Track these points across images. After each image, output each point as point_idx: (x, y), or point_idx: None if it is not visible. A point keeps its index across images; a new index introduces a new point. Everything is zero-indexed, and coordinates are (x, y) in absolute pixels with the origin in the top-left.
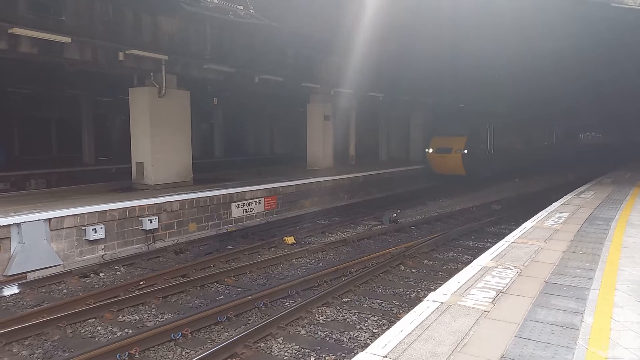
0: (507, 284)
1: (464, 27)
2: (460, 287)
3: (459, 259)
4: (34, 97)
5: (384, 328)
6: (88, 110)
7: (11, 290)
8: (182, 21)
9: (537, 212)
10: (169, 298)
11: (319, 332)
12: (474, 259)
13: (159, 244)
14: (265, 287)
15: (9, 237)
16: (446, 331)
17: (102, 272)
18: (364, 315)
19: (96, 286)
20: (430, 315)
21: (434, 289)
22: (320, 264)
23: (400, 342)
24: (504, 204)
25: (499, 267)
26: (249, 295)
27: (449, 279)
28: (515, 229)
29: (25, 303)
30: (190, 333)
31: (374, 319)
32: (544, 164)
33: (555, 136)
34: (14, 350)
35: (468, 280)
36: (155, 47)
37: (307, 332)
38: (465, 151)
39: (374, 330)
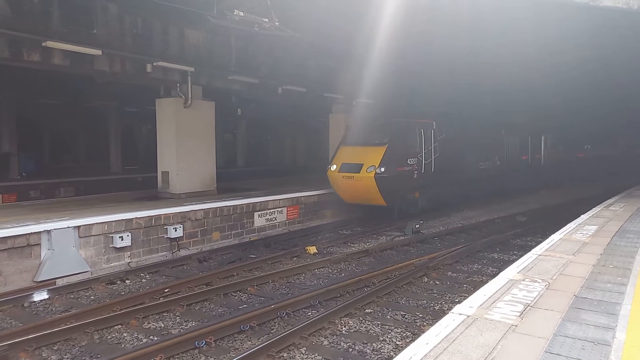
0: (535, 298)
1: (482, 33)
2: (486, 300)
3: (484, 272)
4: (64, 108)
5: (407, 340)
6: (115, 121)
7: (41, 295)
8: (207, 33)
9: (564, 224)
10: (193, 306)
11: (342, 343)
12: (499, 272)
13: (183, 252)
14: (288, 297)
15: (40, 244)
16: (473, 345)
17: (128, 279)
18: (387, 327)
19: (122, 293)
20: (456, 328)
21: (459, 302)
22: (343, 274)
23: (425, 355)
24: (529, 215)
25: (526, 280)
26: (272, 305)
27: (474, 291)
28: (541, 242)
29: (54, 308)
30: (214, 341)
31: (398, 330)
32: (537, 182)
33: (562, 146)
34: (44, 355)
35: (494, 293)
36: (181, 59)
37: (329, 342)
38: (382, 169)
39: (397, 343)
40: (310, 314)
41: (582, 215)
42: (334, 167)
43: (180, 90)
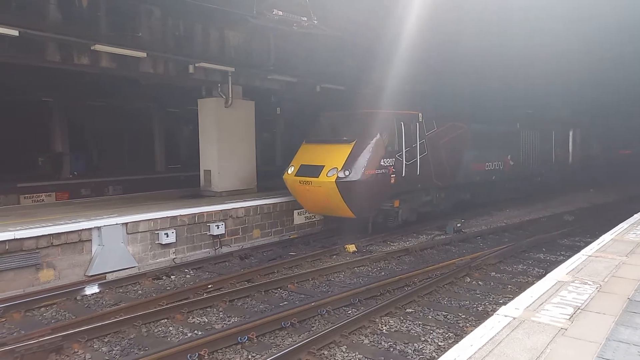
0: (585, 300)
1: (511, 30)
2: (533, 302)
3: (529, 272)
4: (111, 110)
5: (450, 341)
6: (159, 121)
7: (92, 289)
8: (247, 34)
9: (614, 224)
10: (235, 302)
11: (383, 343)
12: (546, 273)
13: (225, 249)
14: (328, 295)
15: (91, 240)
16: (520, 348)
17: (173, 275)
18: (428, 327)
19: (168, 288)
20: (501, 330)
21: (503, 303)
22: (383, 273)
23: (470, 357)
24: (577, 214)
25: (576, 281)
26: (312, 302)
27: (520, 293)
28: (591, 242)
29: (104, 302)
30: (255, 337)
31: (440, 331)
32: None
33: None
34: (95, 347)
35: (542, 295)
36: (222, 59)
37: (370, 341)
38: (347, 172)
39: (439, 343)
40: (350, 312)
41: (635, 215)
42: (291, 170)
43: (221, 90)
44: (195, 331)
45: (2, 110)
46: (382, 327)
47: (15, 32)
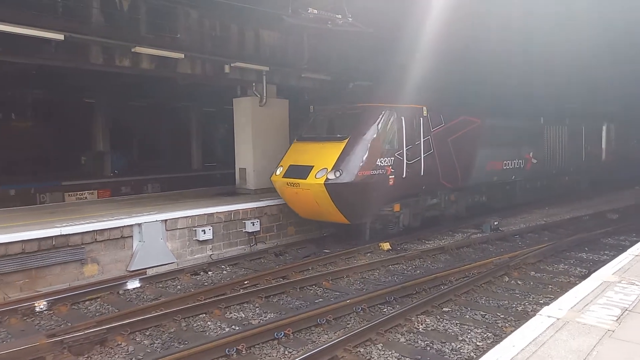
0: (633, 302)
1: (536, 29)
2: (578, 303)
3: (571, 272)
4: (149, 109)
5: (489, 341)
6: (195, 120)
7: (134, 284)
8: (281, 33)
9: None
10: (271, 298)
11: (419, 341)
12: (589, 273)
13: (260, 246)
14: (363, 292)
15: (132, 236)
16: (565, 350)
17: (210, 271)
18: (466, 327)
19: (205, 284)
20: (545, 331)
21: (544, 303)
22: (418, 271)
23: (512, 359)
24: (622, 213)
25: (623, 282)
26: (347, 300)
27: (561, 293)
28: (637, 241)
29: (145, 296)
30: (292, 333)
31: (478, 331)
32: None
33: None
34: (137, 339)
35: (587, 296)
36: (257, 59)
37: (406, 340)
38: (338, 174)
39: (478, 343)
40: (385, 310)
41: None
42: (279, 171)
43: (256, 90)
44: (233, 326)
45: (48, 111)
46: (418, 326)
47: (60, 37)
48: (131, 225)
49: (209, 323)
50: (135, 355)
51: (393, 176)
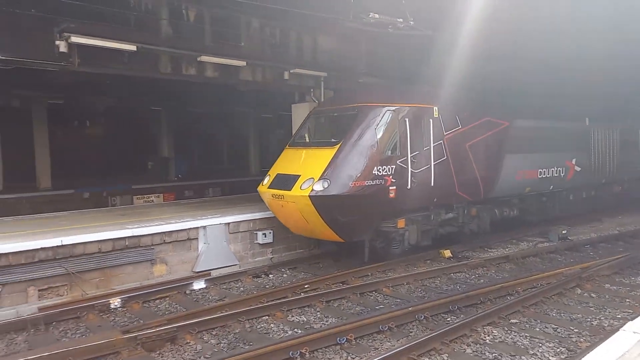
0: None
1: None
2: None
3: None
4: (209, 116)
5: (562, 357)
6: (254, 126)
7: (199, 285)
8: (338, 38)
9: None
10: (332, 303)
11: (487, 353)
12: None
13: (318, 251)
14: (425, 300)
15: (197, 238)
16: None
17: (271, 274)
18: (536, 340)
19: (267, 286)
20: (631, 349)
21: (622, 318)
22: (482, 280)
23: None
24: None
25: None
26: (409, 307)
27: None
28: None
29: (210, 297)
30: (354, 339)
31: (549, 345)
32: None
33: None
34: (204, 338)
35: None
36: (314, 65)
37: (473, 351)
38: (326, 184)
39: (550, 358)
40: (449, 319)
41: None
42: (266, 180)
43: (314, 95)
44: (295, 329)
45: (119, 119)
46: (485, 337)
47: (133, 47)
48: (197, 228)
49: (271, 325)
50: (203, 353)
51: (394, 187)
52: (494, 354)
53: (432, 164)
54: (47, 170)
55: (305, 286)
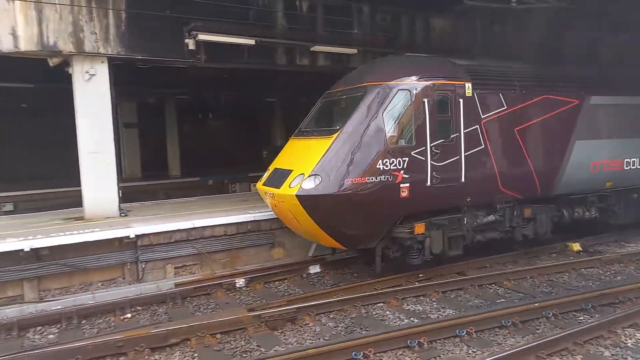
0: None
1: None
2: None
3: None
4: (310, 105)
5: None
6: None
7: (315, 269)
8: (451, 19)
9: None
10: (448, 294)
11: (629, 358)
12: None
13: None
14: (553, 296)
15: None
16: None
17: (383, 262)
18: None
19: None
20: None
21: None
22: (619, 277)
23: None
24: None
25: None
26: (535, 303)
27: None
28: None
29: (325, 281)
30: (474, 332)
31: None
32: None
33: None
34: (322, 321)
35: None
36: (427, 48)
37: (612, 355)
38: (317, 182)
39: None
40: (582, 318)
41: None
42: (265, 176)
43: None
44: (411, 318)
45: (238, 111)
46: (626, 340)
47: (252, 42)
48: None
49: (387, 312)
50: (322, 335)
51: (407, 184)
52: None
53: (463, 154)
54: (176, 160)
55: (420, 275)
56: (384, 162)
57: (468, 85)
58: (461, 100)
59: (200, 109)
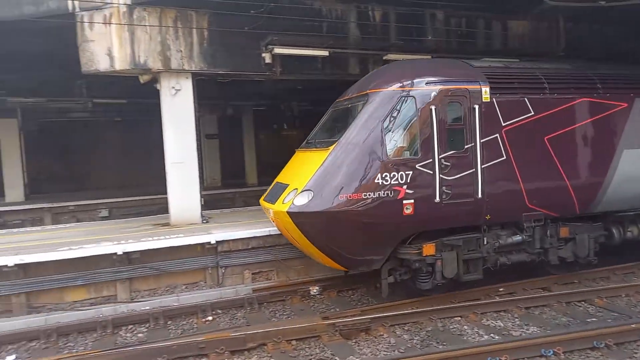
0: None
1: None
2: None
3: None
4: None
5: None
6: None
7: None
8: (532, 21)
9: None
10: (532, 310)
11: None
12: None
13: None
14: None
15: None
16: None
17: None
18: None
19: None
20: None
21: None
22: None
23: None
24: None
25: None
26: (632, 324)
27: None
28: None
29: (397, 292)
30: (562, 353)
31: None
32: None
33: None
34: (397, 333)
35: None
36: (505, 51)
37: None
38: (309, 197)
39: None
40: None
41: None
42: (268, 190)
43: None
44: (491, 334)
45: (311, 121)
46: None
47: (325, 53)
48: None
49: (465, 327)
50: (397, 347)
51: (412, 201)
52: None
53: (479, 167)
54: (253, 169)
55: (500, 289)
56: (384, 176)
57: (485, 89)
58: (477, 107)
59: (275, 120)
